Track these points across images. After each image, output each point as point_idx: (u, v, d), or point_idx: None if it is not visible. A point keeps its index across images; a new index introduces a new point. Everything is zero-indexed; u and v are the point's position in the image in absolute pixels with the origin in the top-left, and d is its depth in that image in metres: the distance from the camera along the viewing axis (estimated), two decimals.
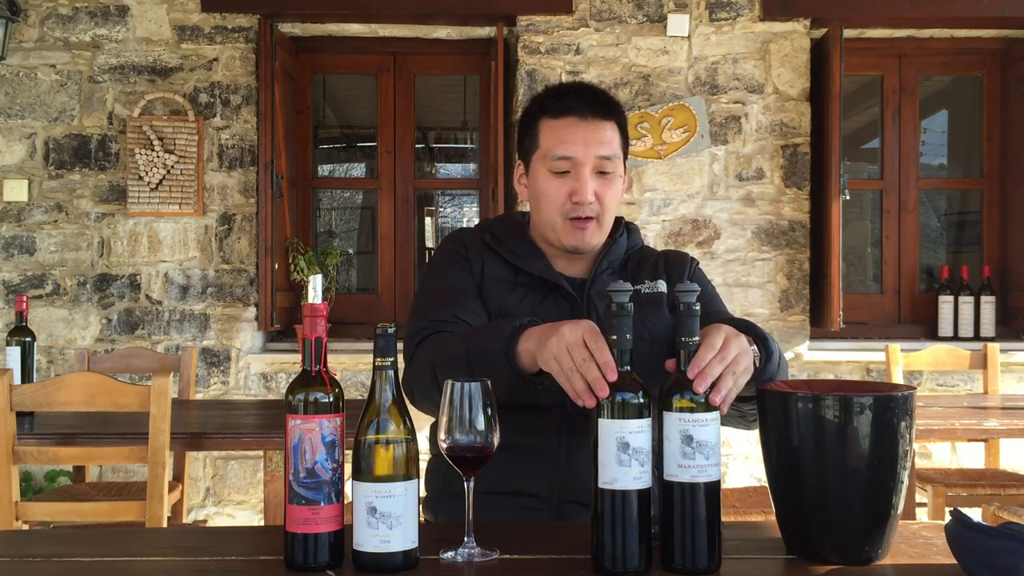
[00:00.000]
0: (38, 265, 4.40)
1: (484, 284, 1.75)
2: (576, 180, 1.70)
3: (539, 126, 1.75)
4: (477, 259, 1.78)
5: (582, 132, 1.70)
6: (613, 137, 1.73)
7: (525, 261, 1.76)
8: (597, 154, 1.70)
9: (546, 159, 1.72)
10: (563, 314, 1.71)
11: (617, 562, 1.20)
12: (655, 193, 4.40)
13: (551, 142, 1.72)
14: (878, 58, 4.70)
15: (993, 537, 1.12)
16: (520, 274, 1.76)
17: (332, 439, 1.23)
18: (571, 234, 1.72)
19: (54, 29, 4.42)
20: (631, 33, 4.40)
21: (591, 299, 1.74)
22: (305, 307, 1.27)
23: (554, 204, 1.72)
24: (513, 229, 1.83)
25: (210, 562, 1.27)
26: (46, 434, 2.63)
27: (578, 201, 1.69)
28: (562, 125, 1.71)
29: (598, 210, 1.71)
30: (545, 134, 1.73)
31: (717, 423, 1.22)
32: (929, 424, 2.80)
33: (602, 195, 1.71)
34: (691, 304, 1.25)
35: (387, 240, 4.72)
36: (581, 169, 1.70)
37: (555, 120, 1.72)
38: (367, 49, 4.69)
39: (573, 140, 1.70)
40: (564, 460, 1.65)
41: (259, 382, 4.39)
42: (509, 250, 1.78)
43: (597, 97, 1.75)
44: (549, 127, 1.73)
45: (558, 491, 1.65)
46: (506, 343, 1.45)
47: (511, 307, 1.72)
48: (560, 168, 1.71)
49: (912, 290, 4.72)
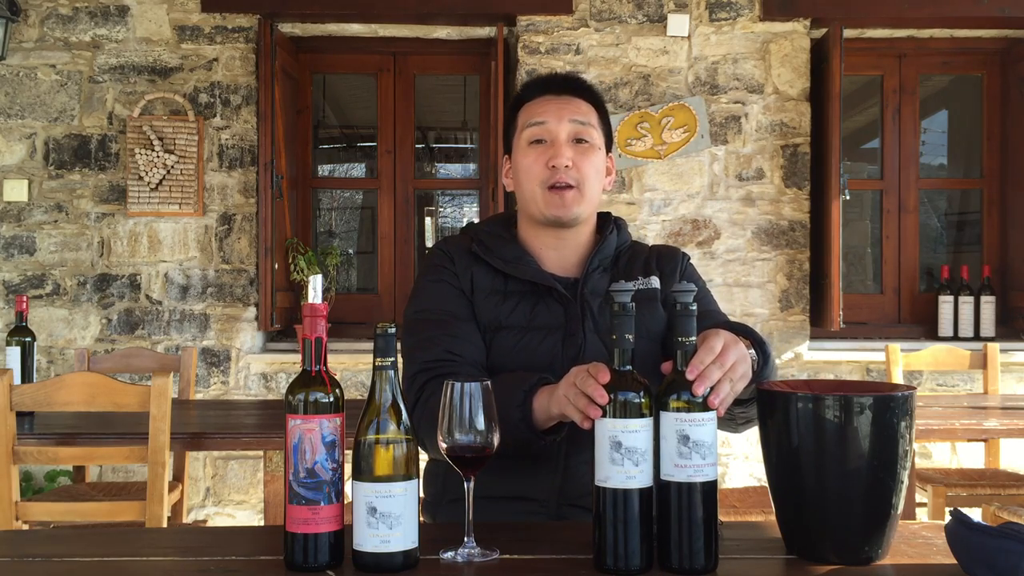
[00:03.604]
0: (38, 265, 4.40)
1: (475, 297, 1.73)
2: (552, 146, 1.71)
3: (519, 111, 1.79)
4: (465, 272, 1.75)
5: (555, 103, 1.74)
6: (588, 111, 1.75)
7: (514, 266, 1.73)
8: (571, 118, 1.72)
9: (523, 131, 1.75)
10: (556, 318, 1.70)
11: (619, 560, 1.20)
12: (655, 193, 4.40)
13: (527, 116, 1.75)
14: (878, 58, 4.70)
15: (993, 537, 1.12)
16: (511, 281, 1.73)
17: (332, 439, 1.23)
18: (551, 203, 1.71)
19: (54, 29, 4.42)
20: (631, 33, 4.40)
21: (584, 298, 1.72)
22: (305, 307, 1.27)
23: (533, 174, 1.72)
24: (500, 231, 1.81)
25: (210, 562, 1.27)
26: (46, 434, 2.63)
27: (554, 165, 1.69)
28: (538, 101, 1.76)
29: (577, 177, 1.71)
30: (523, 114, 1.77)
31: (714, 423, 1.22)
32: (929, 424, 2.81)
33: (579, 163, 1.71)
34: (688, 304, 1.25)
35: (387, 240, 4.72)
36: (556, 135, 1.71)
37: (531, 101, 1.77)
38: (367, 49, 4.69)
39: (546, 109, 1.73)
40: (563, 464, 1.65)
41: (259, 382, 4.39)
42: (498, 256, 1.75)
43: (571, 78, 1.80)
44: (527, 107, 1.77)
45: (557, 495, 1.65)
46: (522, 411, 1.47)
47: (504, 318, 1.70)
48: (536, 136, 1.73)
49: (912, 290, 4.72)
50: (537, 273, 1.73)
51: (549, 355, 1.67)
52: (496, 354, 1.67)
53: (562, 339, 1.68)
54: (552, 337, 1.68)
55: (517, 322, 1.69)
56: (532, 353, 1.67)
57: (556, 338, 1.68)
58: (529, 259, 1.76)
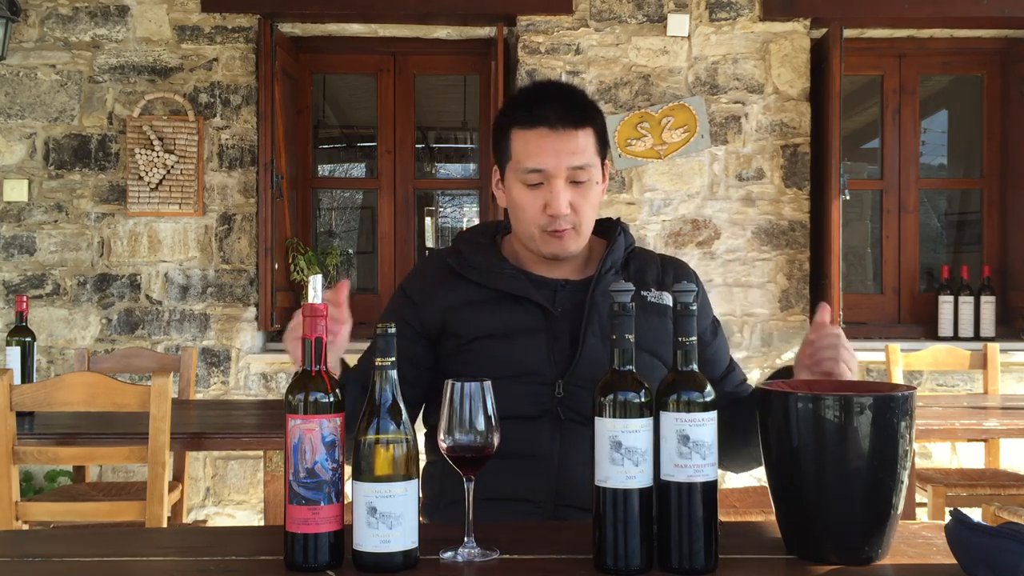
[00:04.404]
0: (38, 265, 4.40)
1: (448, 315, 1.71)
2: (549, 192, 1.65)
3: (511, 136, 1.70)
4: (430, 299, 1.74)
5: (552, 142, 1.65)
6: (587, 144, 1.67)
7: (489, 276, 1.72)
8: (569, 165, 1.65)
9: (518, 171, 1.68)
10: (537, 323, 1.68)
11: (619, 560, 1.20)
12: (655, 193, 4.40)
13: (522, 154, 1.67)
14: (878, 58, 4.70)
15: (993, 537, 1.12)
16: (484, 288, 1.72)
17: (332, 439, 1.23)
18: (549, 244, 1.70)
19: (54, 29, 4.42)
20: (631, 33, 4.40)
21: (595, 300, 1.70)
22: (305, 307, 1.27)
23: (529, 216, 1.68)
24: (479, 239, 1.79)
25: (210, 562, 1.27)
26: (46, 434, 2.63)
27: (552, 214, 1.66)
28: (533, 136, 1.66)
29: (575, 220, 1.68)
30: (517, 145, 1.69)
31: (714, 423, 1.22)
32: (929, 424, 2.80)
33: (577, 205, 1.67)
34: (688, 304, 1.25)
35: (387, 240, 4.72)
36: (554, 181, 1.65)
37: (526, 131, 1.67)
38: (367, 49, 4.69)
39: (544, 152, 1.65)
40: (557, 466, 1.64)
41: (259, 382, 4.39)
42: (474, 269, 1.73)
43: (568, 103, 1.69)
44: (521, 138, 1.68)
45: (553, 496, 1.64)
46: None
47: (484, 326, 1.68)
48: (532, 181, 1.67)
49: (912, 290, 4.72)
50: (510, 281, 1.71)
51: (536, 358, 1.66)
52: (483, 363, 1.63)
53: (546, 342, 1.67)
54: (536, 340, 1.67)
55: (497, 329, 1.68)
56: (518, 360, 1.66)
57: (540, 341, 1.67)
58: (503, 264, 1.74)
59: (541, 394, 1.66)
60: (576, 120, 1.67)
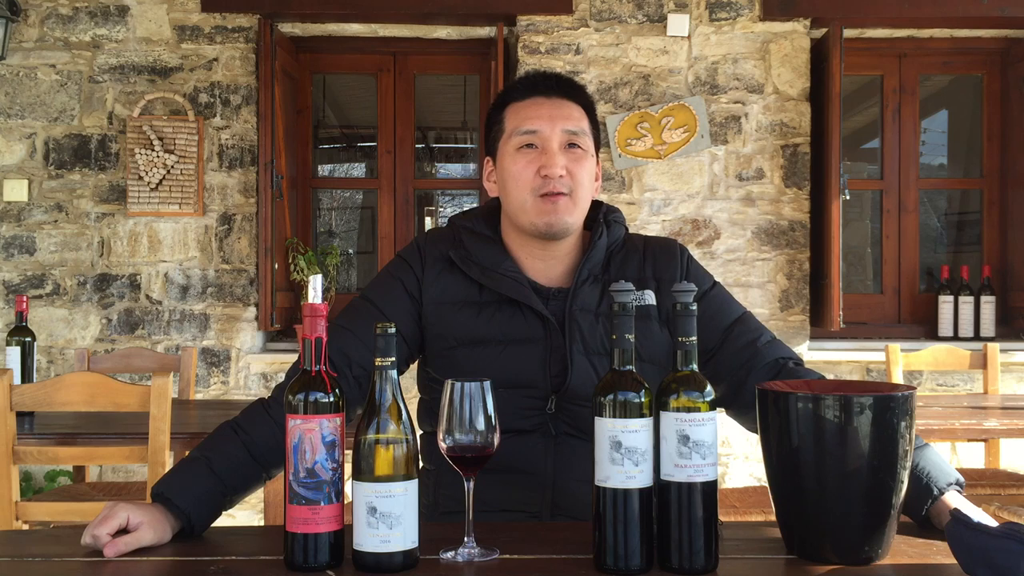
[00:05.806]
0: (38, 265, 4.40)
1: (441, 309, 1.66)
2: (544, 154, 1.63)
3: (505, 111, 1.70)
4: (435, 283, 1.68)
5: (547, 108, 1.66)
6: (580, 117, 1.68)
7: (490, 276, 1.65)
8: (564, 127, 1.64)
9: (512, 137, 1.66)
10: (535, 332, 1.63)
11: (619, 560, 1.20)
12: (655, 193, 4.40)
13: (516, 121, 1.67)
14: (878, 58, 4.70)
15: (993, 537, 1.12)
16: (486, 290, 1.66)
17: (332, 439, 1.23)
18: (542, 211, 1.62)
19: (54, 29, 4.42)
20: (631, 33, 4.40)
21: (573, 315, 1.63)
22: (305, 307, 1.27)
23: (523, 182, 1.64)
24: (484, 229, 1.72)
25: (210, 562, 1.27)
26: (46, 434, 2.63)
27: (548, 175, 1.61)
28: (527, 104, 1.68)
29: (570, 185, 1.63)
30: (511, 116, 1.69)
31: (714, 423, 1.22)
32: (929, 424, 2.80)
33: (573, 170, 1.63)
34: (688, 304, 1.25)
35: (387, 240, 4.72)
36: (549, 143, 1.64)
37: (520, 102, 1.69)
38: (367, 49, 4.69)
39: (538, 115, 1.65)
40: (552, 479, 1.61)
41: (259, 382, 4.39)
42: (475, 263, 1.67)
43: (562, 80, 1.71)
44: (515, 109, 1.69)
45: (549, 507, 1.62)
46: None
47: (480, 331, 1.63)
48: (527, 142, 1.64)
49: (912, 290, 4.72)
50: (513, 286, 1.64)
51: (531, 371, 1.61)
52: (476, 371, 1.54)
53: (543, 355, 1.62)
54: (533, 350, 1.62)
55: (494, 336, 1.63)
56: (513, 370, 1.60)
57: (537, 352, 1.62)
58: (509, 264, 1.67)
59: (533, 407, 1.61)
60: (570, 93, 1.70)
